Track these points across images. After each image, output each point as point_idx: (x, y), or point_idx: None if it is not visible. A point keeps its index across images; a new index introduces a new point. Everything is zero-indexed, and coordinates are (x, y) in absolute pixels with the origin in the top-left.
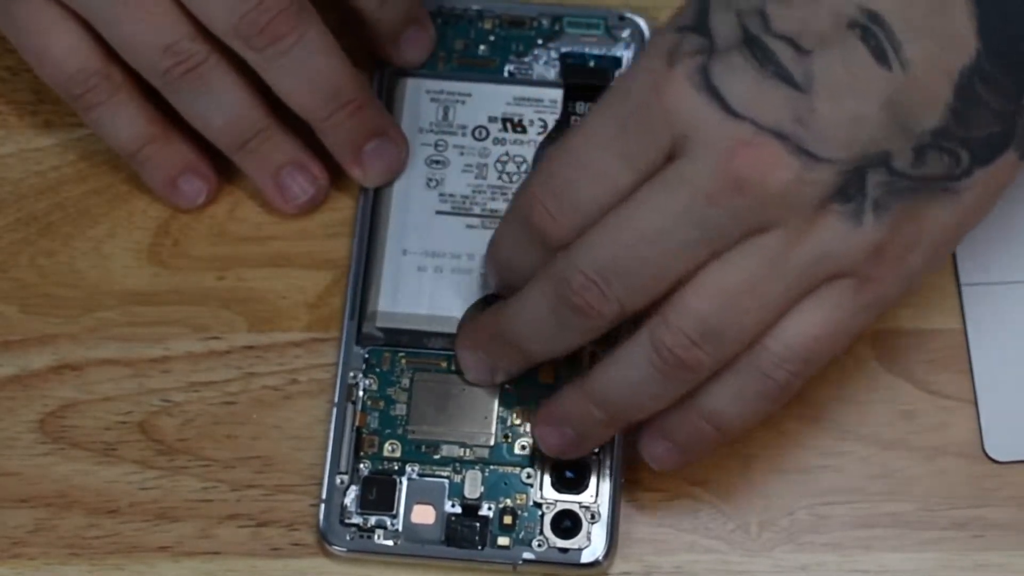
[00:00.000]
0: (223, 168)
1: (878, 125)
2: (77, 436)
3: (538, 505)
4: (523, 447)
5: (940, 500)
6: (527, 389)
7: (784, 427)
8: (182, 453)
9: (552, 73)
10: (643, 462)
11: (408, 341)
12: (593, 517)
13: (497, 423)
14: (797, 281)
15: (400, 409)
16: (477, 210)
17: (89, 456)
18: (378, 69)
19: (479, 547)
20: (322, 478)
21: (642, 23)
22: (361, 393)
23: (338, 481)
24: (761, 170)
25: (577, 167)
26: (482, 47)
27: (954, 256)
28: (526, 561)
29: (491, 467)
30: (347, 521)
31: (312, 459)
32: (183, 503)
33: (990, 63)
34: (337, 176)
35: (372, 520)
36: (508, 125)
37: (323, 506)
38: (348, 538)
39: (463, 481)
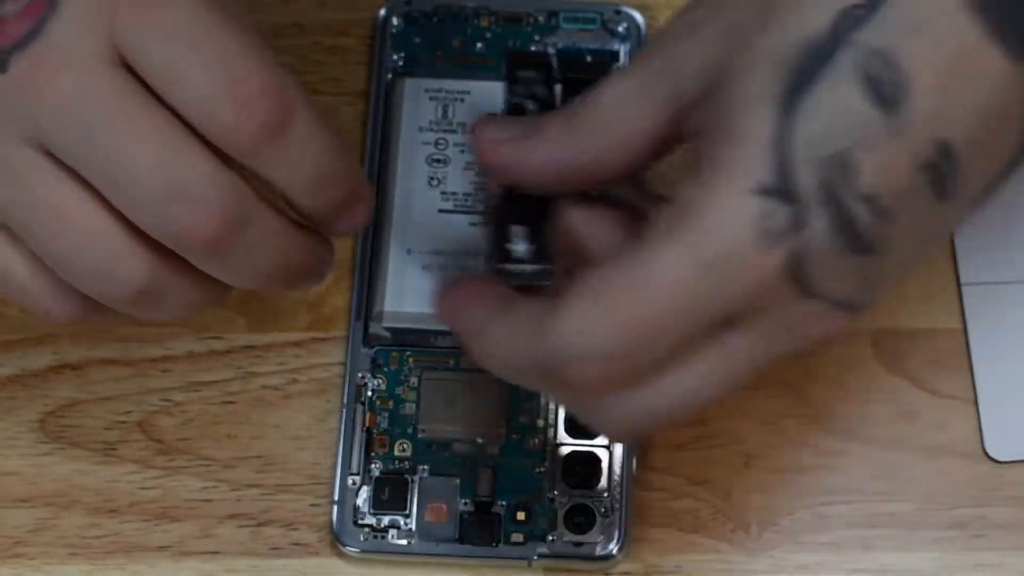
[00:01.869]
0: None
1: (920, 255)
2: (77, 436)
3: (551, 501)
4: (534, 443)
5: (940, 500)
6: None
7: (784, 427)
8: (182, 453)
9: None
10: (643, 462)
11: (415, 340)
12: (606, 511)
13: (507, 419)
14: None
15: (409, 408)
16: (480, 207)
17: (89, 456)
18: (376, 69)
19: (493, 544)
20: (334, 479)
21: (638, 17)
22: (370, 393)
23: (350, 482)
24: (818, 338)
25: (643, 330)
26: (479, 44)
27: (954, 256)
28: (540, 556)
29: (503, 464)
30: (360, 522)
31: (312, 458)
32: (183, 503)
33: (1022, 154)
34: None
35: (385, 520)
36: None
37: (335, 507)
38: (362, 538)
39: (475, 479)
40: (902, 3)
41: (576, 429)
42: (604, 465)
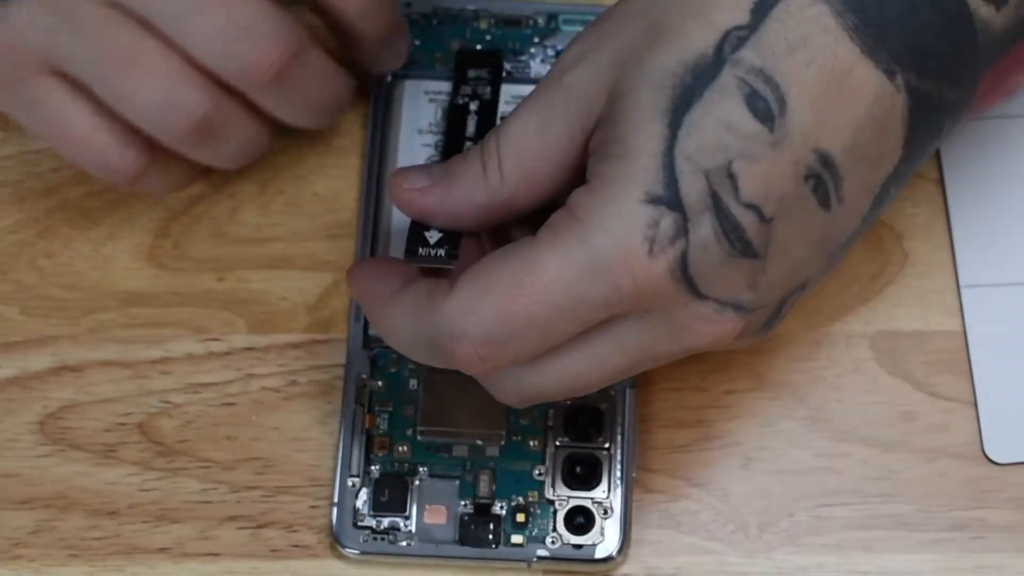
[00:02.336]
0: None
1: (810, 262)
2: (77, 437)
3: (550, 502)
4: (533, 444)
5: (940, 502)
6: None
7: (784, 428)
8: (182, 454)
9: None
10: (642, 465)
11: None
12: (606, 512)
13: (506, 421)
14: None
15: (409, 410)
16: None
17: (89, 457)
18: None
19: (493, 546)
20: (333, 481)
21: None
22: (370, 395)
23: (350, 484)
24: (714, 339)
25: (525, 320)
26: (479, 47)
27: (954, 258)
28: (540, 558)
29: (502, 465)
30: (360, 523)
31: (312, 460)
32: (183, 504)
33: (905, 164)
34: (339, 179)
35: (385, 522)
36: None
37: (335, 509)
38: (362, 540)
39: (475, 480)
40: (781, 24)
41: (576, 430)
42: (604, 466)
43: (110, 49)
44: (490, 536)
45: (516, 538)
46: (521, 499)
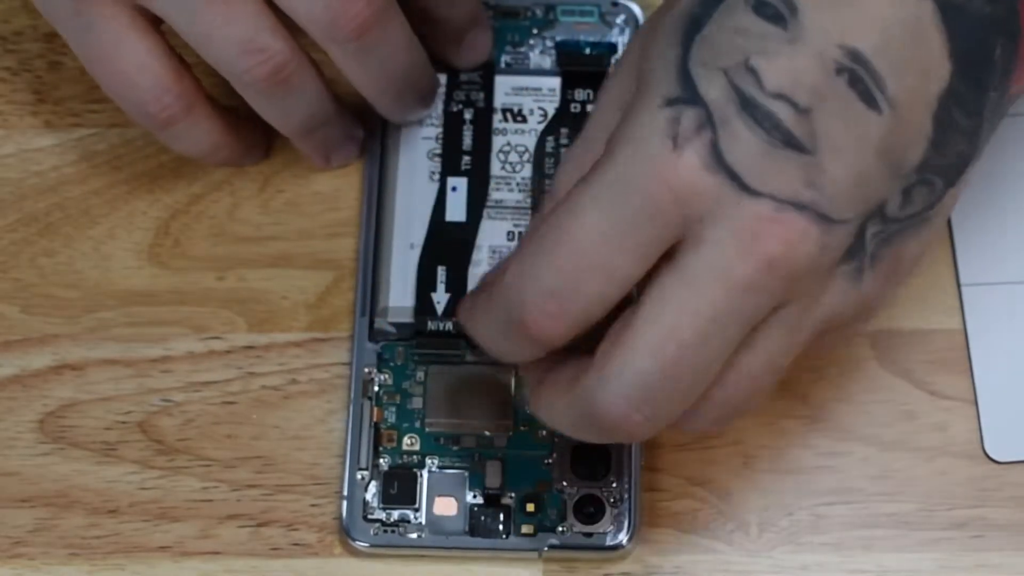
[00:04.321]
0: (224, 168)
1: (877, 175)
2: (77, 436)
3: (560, 491)
4: (542, 434)
5: (940, 500)
6: None
7: (784, 427)
8: (182, 453)
9: (548, 62)
10: (644, 463)
11: (420, 335)
12: (616, 501)
13: (514, 411)
14: (807, 344)
15: (416, 403)
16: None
17: (89, 456)
18: None
19: (503, 536)
20: (342, 475)
21: (635, 8)
22: (376, 389)
23: (359, 477)
24: (790, 245)
25: (578, 263)
26: None
27: (954, 256)
28: (551, 547)
29: (511, 456)
30: (370, 516)
31: (312, 459)
32: (183, 503)
33: (962, 83)
34: (339, 177)
35: (395, 514)
36: (508, 115)
37: (344, 502)
38: (372, 533)
39: (484, 471)
40: None
41: None
42: (613, 455)
43: None
44: (500, 527)
45: (526, 528)
46: (530, 489)
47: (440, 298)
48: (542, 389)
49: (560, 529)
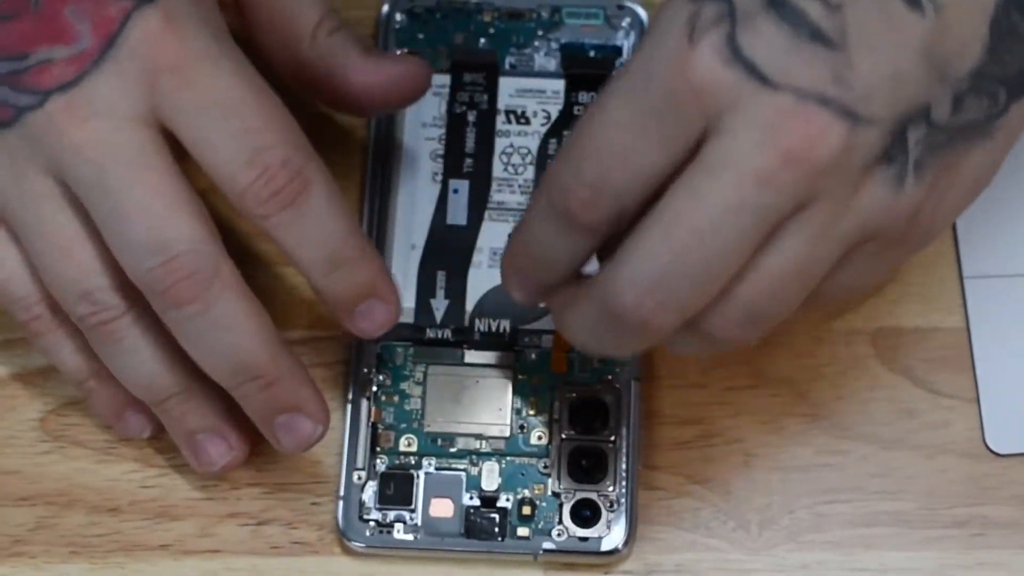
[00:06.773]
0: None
1: (918, 77)
2: (78, 434)
3: (556, 495)
4: (539, 437)
5: (941, 498)
6: (541, 379)
7: (784, 425)
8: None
9: (553, 64)
10: (644, 461)
11: (419, 335)
12: (612, 505)
13: (512, 414)
14: (838, 253)
15: (415, 403)
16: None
17: (90, 454)
18: None
19: (499, 539)
20: (339, 475)
21: (641, 12)
22: (375, 389)
23: (355, 477)
24: (810, 140)
25: (607, 154)
26: (482, 40)
27: (957, 249)
28: (546, 551)
29: (508, 458)
30: (366, 517)
31: (312, 457)
32: (183, 501)
33: None
34: (341, 177)
35: (391, 515)
36: (512, 117)
37: (341, 503)
38: (367, 534)
39: (480, 473)
40: None
41: (581, 423)
42: (609, 459)
43: (44, 228)
44: (496, 529)
45: (522, 531)
46: (527, 492)
47: (439, 304)
48: (566, 303)
49: (556, 533)
